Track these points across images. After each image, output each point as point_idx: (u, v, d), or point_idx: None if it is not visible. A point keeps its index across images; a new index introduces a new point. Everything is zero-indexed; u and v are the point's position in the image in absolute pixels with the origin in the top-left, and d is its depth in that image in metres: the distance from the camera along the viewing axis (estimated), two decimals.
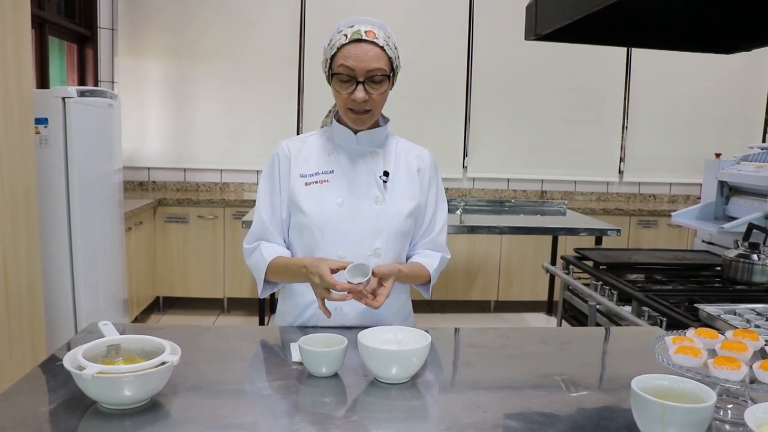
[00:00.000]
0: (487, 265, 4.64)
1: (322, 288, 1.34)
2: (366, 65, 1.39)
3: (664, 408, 0.91)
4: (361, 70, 1.39)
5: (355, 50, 1.39)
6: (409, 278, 1.53)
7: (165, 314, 4.46)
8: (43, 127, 2.78)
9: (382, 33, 1.43)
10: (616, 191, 5.24)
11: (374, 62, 1.39)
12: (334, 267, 1.34)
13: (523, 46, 2.54)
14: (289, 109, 4.81)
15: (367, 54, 1.39)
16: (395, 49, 1.45)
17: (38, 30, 3.73)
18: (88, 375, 0.99)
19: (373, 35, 1.40)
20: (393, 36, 1.46)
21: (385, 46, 1.42)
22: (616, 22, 1.83)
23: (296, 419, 1.04)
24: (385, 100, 1.48)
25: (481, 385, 1.23)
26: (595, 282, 2.37)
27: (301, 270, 1.40)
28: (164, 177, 4.87)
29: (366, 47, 1.39)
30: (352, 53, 1.39)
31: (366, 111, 1.45)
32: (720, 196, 3.50)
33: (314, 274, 1.35)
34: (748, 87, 5.15)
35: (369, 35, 1.40)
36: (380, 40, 1.41)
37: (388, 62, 1.43)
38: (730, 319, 1.71)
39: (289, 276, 1.50)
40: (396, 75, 1.49)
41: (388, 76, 1.43)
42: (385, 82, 1.43)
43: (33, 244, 2.53)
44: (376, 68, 1.40)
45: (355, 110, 1.45)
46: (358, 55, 1.39)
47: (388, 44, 1.43)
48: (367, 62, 1.39)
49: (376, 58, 1.40)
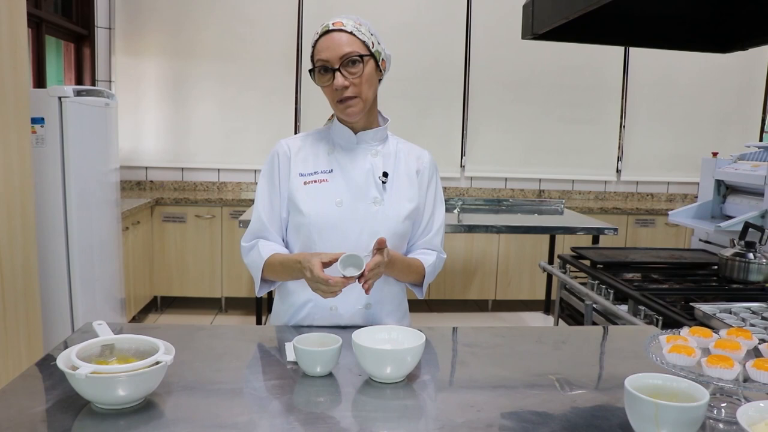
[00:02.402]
0: (484, 265, 4.64)
1: (314, 282, 1.34)
2: (337, 52, 1.41)
3: (657, 407, 0.91)
4: (334, 58, 1.41)
5: (326, 41, 1.43)
6: (402, 265, 1.51)
7: (162, 314, 4.46)
8: (40, 126, 2.78)
9: (351, 21, 1.45)
10: (614, 190, 5.25)
11: (345, 47, 1.41)
12: (327, 260, 1.34)
13: (521, 45, 2.54)
14: (287, 108, 4.81)
15: (336, 41, 1.42)
16: (371, 35, 1.46)
17: (35, 29, 3.73)
18: (81, 375, 0.99)
19: (340, 24, 1.43)
20: (367, 24, 1.47)
21: (355, 30, 1.43)
22: (613, 22, 1.83)
23: (290, 419, 1.04)
24: (371, 85, 1.46)
25: (475, 384, 1.24)
26: (592, 281, 2.37)
27: (296, 265, 1.40)
28: (162, 176, 4.87)
29: (335, 35, 1.42)
30: (323, 45, 1.43)
31: (352, 98, 1.44)
32: (717, 195, 3.50)
33: (307, 269, 1.35)
34: (745, 86, 5.16)
35: (336, 25, 1.43)
36: (348, 26, 1.43)
37: (362, 45, 1.43)
38: (725, 317, 1.71)
39: (285, 272, 1.49)
40: (381, 61, 1.49)
41: (363, 57, 1.43)
42: (361, 63, 1.43)
43: (29, 243, 2.52)
44: (347, 52, 1.41)
45: (341, 100, 1.45)
46: (329, 45, 1.42)
47: (359, 30, 1.44)
48: (338, 48, 1.41)
49: (347, 43, 1.42)
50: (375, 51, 1.46)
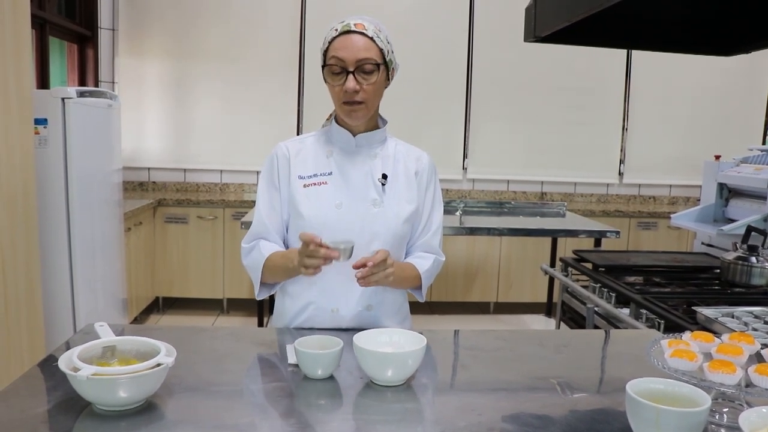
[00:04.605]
0: (486, 267, 4.64)
1: (303, 256, 1.32)
2: (355, 55, 1.40)
3: (659, 412, 0.91)
4: (351, 60, 1.40)
5: (344, 41, 1.41)
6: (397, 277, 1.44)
7: (164, 315, 4.46)
8: (43, 127, 2.78)
9: (372, 26, 1.43)
10: (616, 193, 5.24)
11: (363, 52, 1.40)
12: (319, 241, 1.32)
13: (523, 47, 2.54)
14: (290, 109, 4.82)
15: (356, 44, 1.40)
16: (388, 43, 1.46)
17: (39, 30, 3.74)
18: (83, 376, 0.99)
19: (362, 27, 1.42)
20: (385, 31, 1.47)
21: (375, 37, 1.42)
22: (616, 24, 1.83)
23: (291, 421, 1.04)
24: (379, 93, 1.47)
25: (476, 387, 1.23)
26: (594, 284, 2.36)
27: (293, 254, 1.39)
28: (164, 177, 4.87)
29: (355, 37, 1.41)
30: (341, 44, 1.41)
31: (359, 102, 1.44)
32: (719, 198, 3.50)
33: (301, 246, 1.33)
34: (748, 89, 5.16)
35: (358, 27, 1.41)
36: (369, 31, 1.42)
37: (379, 53, 1.43)
38: (727, 321, 1.71)
39: (284, 268, 1.47)
40: (391, 70, 1.49)
41: (379, 66, 1.43)
42: (376, 72, 1.43)
43: (32, 244, 2.53)
44: (365, 58, 1.40)
45: (348, 102, 1.44)
46: (347, 46, 1.40)
47: (379, 36, 1.43)
48: (356, 52, 1.40)
49: (366, 47, 1.41)
50: (388, 60, 1.46)
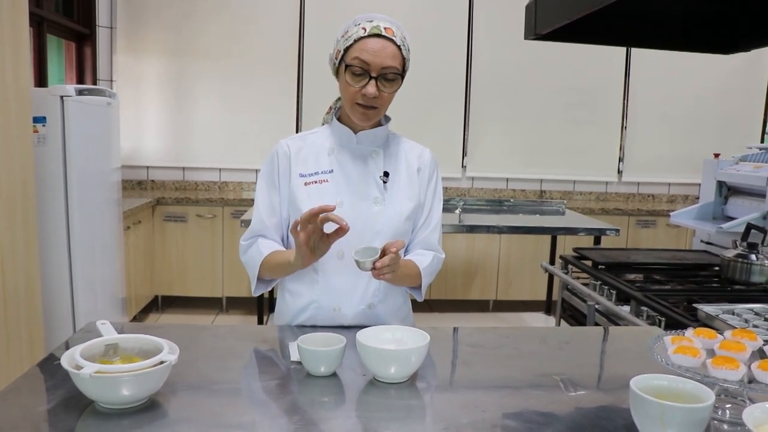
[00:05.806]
0: (486, 265, 4.64)
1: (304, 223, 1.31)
2: (382, 61, 1.39)
3: (663, 408, 0.91)
4: (376, 66, 1.39)
5: (373, 44, 1.39)
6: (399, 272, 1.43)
7: (163, 313, 4.45)
8: (41, 125, 2.78)
9: (400, 32, 1.43)
10: (615, 191, 5.25)
11: (390, 59, 1.39)
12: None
13: (523, 45, 2.54)
14: (289, 108, 4.81)
15: (384, 50, 1.39)
16: (408, 51, 1.46)
17: (36, 28, 3.73)
18: (85, 374, 0.98)
19: (391, 33, 1.40)
20: (408, 38, 1.46)
21: (402, 45, 1.42)
22: (616, 22, 1.83)
23: (295, 418, 1.04)
24: (391, 100, 1.47)
25: (479, 384, 1.23)
26: (594, 282, 2.37)
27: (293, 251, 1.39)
28: (163, 176, 4.86)
29: (384, 43, 1.39)
30: (369, 47, 1.39)
31: (373, 107, 1.44)
32: (718, 196, 3.50)
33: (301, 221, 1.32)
34: (747, 87, 5.16)
35: (388, 32, 1.40)
36: (398, 39, 1.41)
37: (402, 62, 1.43)
38: (728, 319, 1.71)
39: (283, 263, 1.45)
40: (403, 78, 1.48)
41: (401, 75, 1.43)
42: (398, 80, 1.43)
43: (31, 242, 2.52)
44: (390, 66, 1.40)
45: (363, 105, 1.43)
46: (376, 50, 1.38)
47: (404, 45, 1.43)
48: (383, 58, 1.39)
49: (392, 55, 1.40)
50: (406, 69, 1.46)
